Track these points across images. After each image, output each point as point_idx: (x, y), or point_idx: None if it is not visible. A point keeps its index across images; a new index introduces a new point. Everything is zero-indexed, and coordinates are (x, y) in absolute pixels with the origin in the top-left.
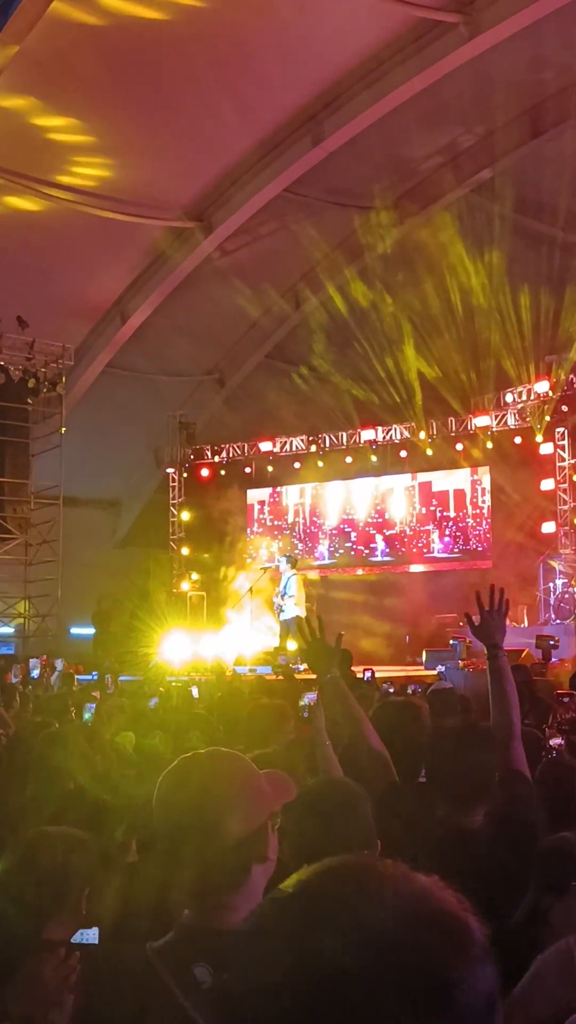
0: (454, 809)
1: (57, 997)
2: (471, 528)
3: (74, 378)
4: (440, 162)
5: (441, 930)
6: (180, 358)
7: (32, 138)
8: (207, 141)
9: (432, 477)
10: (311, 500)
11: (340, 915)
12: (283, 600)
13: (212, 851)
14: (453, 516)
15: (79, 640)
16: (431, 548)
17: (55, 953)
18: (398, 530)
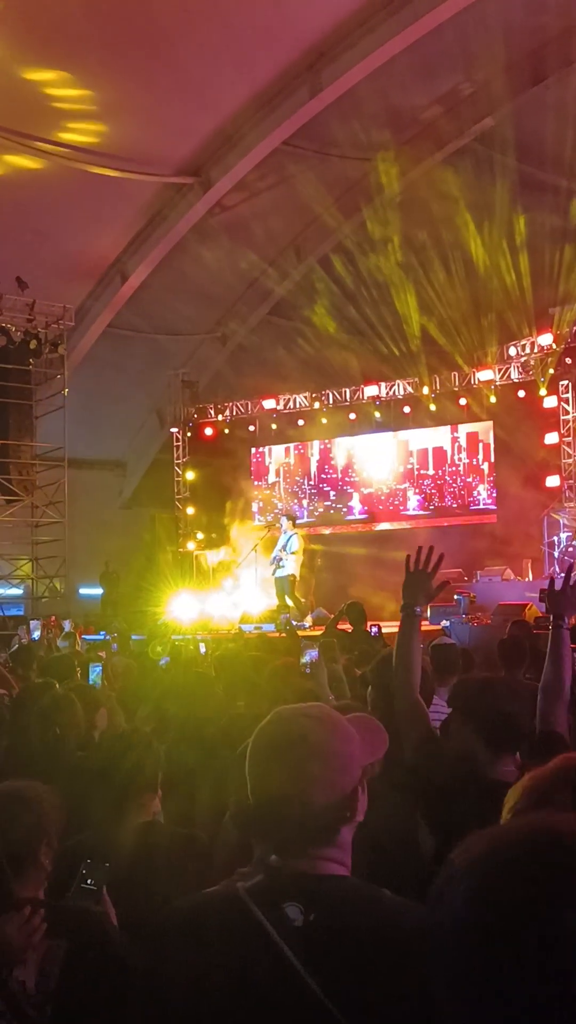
0: (488, 760)
1: (22, 955)
2: (475, 482)
3: (75, 339)
4: (440, 111)
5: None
6: (181, 317)
7: (25, 94)
8: (203, 95)
9: (435, 432)
10: (316, 457)
11: (567, 892)
12: (283, 556)
13: (301, 815)
14: (456, 471)
15: (88, 600)
16: (437, 503)
17: (19, 912)
18: (402, 485)
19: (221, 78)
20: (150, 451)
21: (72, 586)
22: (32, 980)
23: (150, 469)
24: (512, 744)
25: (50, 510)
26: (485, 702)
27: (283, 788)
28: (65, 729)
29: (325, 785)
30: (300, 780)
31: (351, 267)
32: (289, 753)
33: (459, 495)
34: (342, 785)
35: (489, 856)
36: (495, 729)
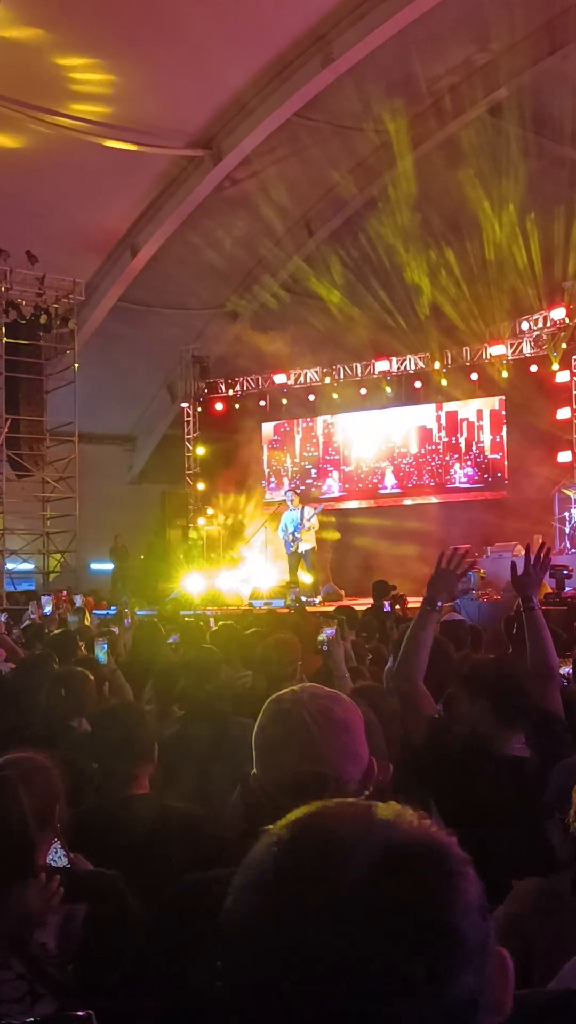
0: (498, 736)
1: (42, 919)
2: (485, 458)
3: (85, 313)
4: (454, 81)
5: (417, 865)
6: (192, 291)
7: (35, 66)
8: (214, 66)
9: (447, 407)
10: (326, 432)
11: (314, 896)
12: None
13: (337, 792)
14: (468, 446)
15: (99, 575)
16: (446, 479)
17: (38, 877)
18: (412, 461)
19: (232, 49)
20: (160, 426)
21: (82, 561)
22: (53, 942)
23: (160, 444)
24: (523, 720)
25: (60, 485)
26: (499, 678)
27: (319, 771)
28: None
29: (353, 758)
30: (336, 760)
31: (362, 241)
32: (319, 736)
33: (470, 471)
34: (364, 755)
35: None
36: (508, 705)
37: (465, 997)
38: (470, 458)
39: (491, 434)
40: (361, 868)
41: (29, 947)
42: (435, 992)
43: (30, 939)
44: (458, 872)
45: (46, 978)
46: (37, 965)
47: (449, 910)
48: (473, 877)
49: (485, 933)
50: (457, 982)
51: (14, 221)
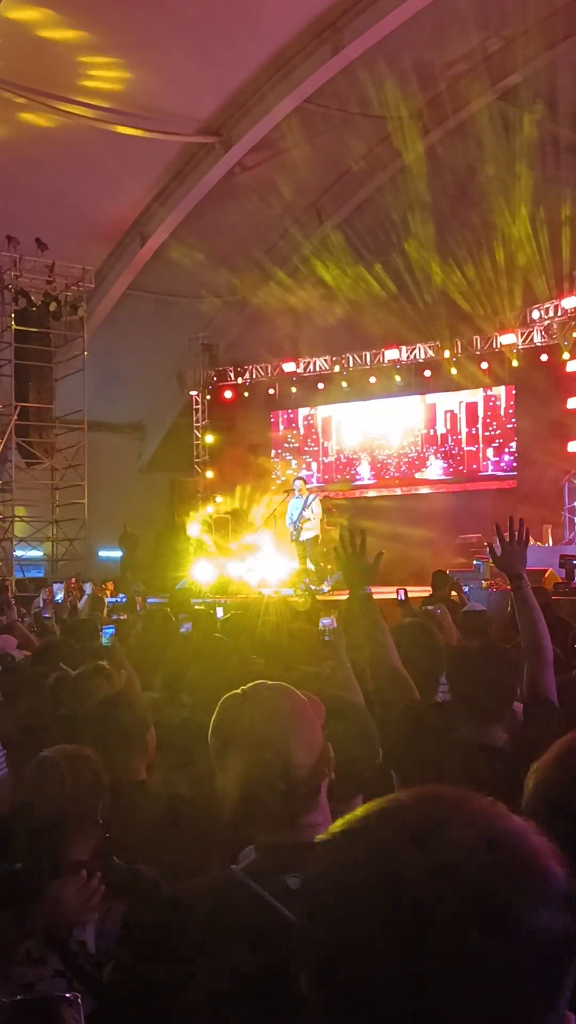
0: (474, 726)
1: (80, 917)
2: (495, 447)
3: (95, 301)
4: (466, 68)
5: (521, 867)
6: (201, 279)
7: (46, 52)
8: (224, 52)
9: (457, 396)
10: (336, 421)
11: (427, 837)
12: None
13: (289, 785)
14: (477, 435)
15: (107, 563)
16: (457, 468)
17: (77, 876)
18: (423, 451)
19: (244, 36)
20: (169, 414)
21: (91, 549)
22: (92, 941)
23: (169, 432)
24: (497, 712)
25: (69, 473)
26: (467, 670)
27: (268, 764)
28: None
29: (304, 747)
30: (283, 750)
31: (373, 228)
32: (263, 728)
33: (480, 460)
34: (315, 742)
35: (357, 827)
36: (478, 697)
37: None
38: (479, 447)
39: (501, 423)
40: (477, 840)
41: (68, 944)
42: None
43: (69, 937)
44: (552, 901)
45: (84, 976)
46: (74, 963)
47: (523, 921)
48: (569, 919)
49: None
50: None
51: (24, 208)
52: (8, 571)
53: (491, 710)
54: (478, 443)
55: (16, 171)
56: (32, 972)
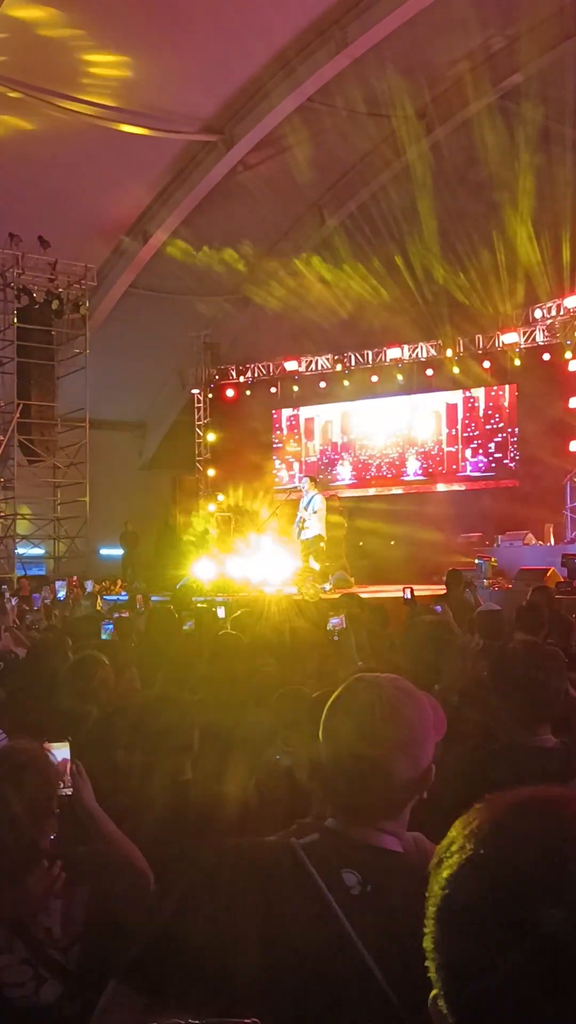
0: (522, 729)
1: (44, 903)
2: (497, 446)
3: (97, 299)
4: (469, 67)
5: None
6: (203, 277)
7: (48, 50)
8: (227, 50)
9: (459, 395)
10: (337, 419)
11: (561, 876)
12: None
13: (381, 789)
14: (479, 434)
15: (108, 561)
16: (459, 467)
17: (40, 863)
18: (424, 449)
19: (247, 34)
20: (171, 413)
21: (92, 546)
22: (58, 926)
23: (171, 431)
24: (548, 713)
25: (71, 471)
26: (513, 670)
27: (372, 756)
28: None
29: (410, 759)
30: (390, 751)
31: (375, 227)
32: (381, 722)
33: (483, 459)
34: (422, 760)
35: (490, 831)
36: (533, 702)
37: None
38: (481, 446)
39: (503, 422)
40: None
41: (33, 931)
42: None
43: (33, 923)
44: None
45: (50, 962)
46: (39, 949)
47: None
48: None
49: None
50: None
51: (27, 206)
52: (10, 569)
53: (539, 711)
54: (480, 442)
55: (19, 169)
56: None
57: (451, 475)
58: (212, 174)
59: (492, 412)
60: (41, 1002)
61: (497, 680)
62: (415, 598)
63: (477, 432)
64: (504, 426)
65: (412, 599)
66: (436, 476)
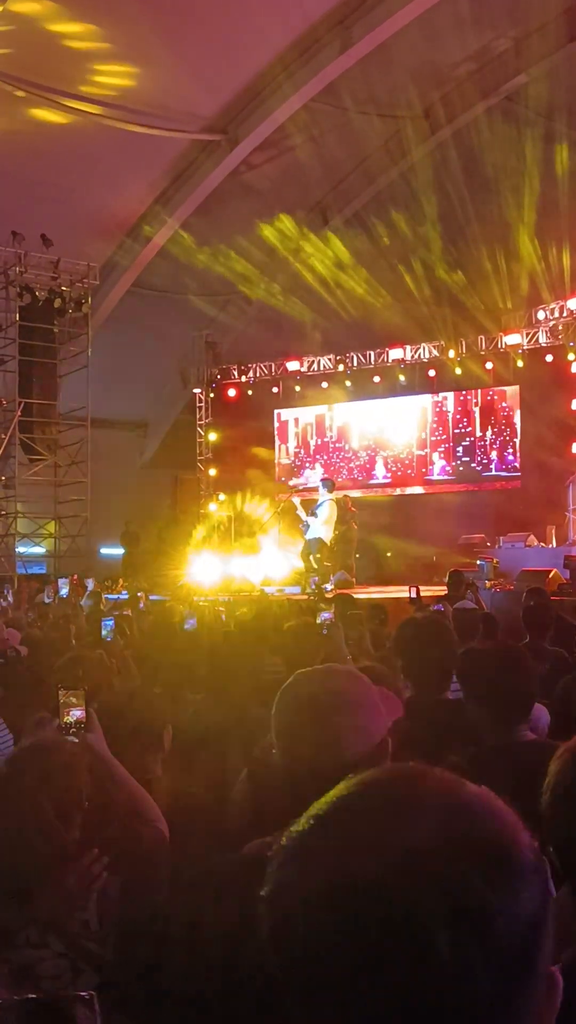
0: (496, 726)
1: (82, 902)
2: (499, 448)
3: (99, 298)
4: (473, 68)
5: (484, 851)
6: (206, 276)
7: (52, 47)
8: (231, 49)
9: (461, 396)
10: (339, 419)
11: (380, 835)
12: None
13: (335, 767)
14: (481, 436)
15: (109, 560)
16: (459, 468)
17: (78, 863)
18: (426, 450)
19: (250, 33)
20: (172, 412)
21: (93, 545)
22: (95, 918)
23: (172, 430)
24: (524, 715)
25: (72, 469)
26: (489, 673)
27: (316, 741)
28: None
29: (357, 732)
30: (331, 728)
31: (378, 227)
32: (318, 707)
33: (484, 460)
34: (372, 732)
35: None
36: (501, 700)
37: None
38: (483, 447)
39: (505, 424)
40: (432, 829)
41: (69, 926)
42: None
43: (71, 918)
44: (522, 878)
45: (87, 954)
46: (76, 943)
47: (499, 911)
48: (539, 891)
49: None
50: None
51: (29, 204)
52: (10, 567)
53: (508, 713)
54: (482, 443)
55: (22, 167)
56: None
57: (453, 476)
58: (215, 173)
59: (494, 414)
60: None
61: (470, 684)
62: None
63: (479, 434)
64: (506, 428)
65: (418, 598)
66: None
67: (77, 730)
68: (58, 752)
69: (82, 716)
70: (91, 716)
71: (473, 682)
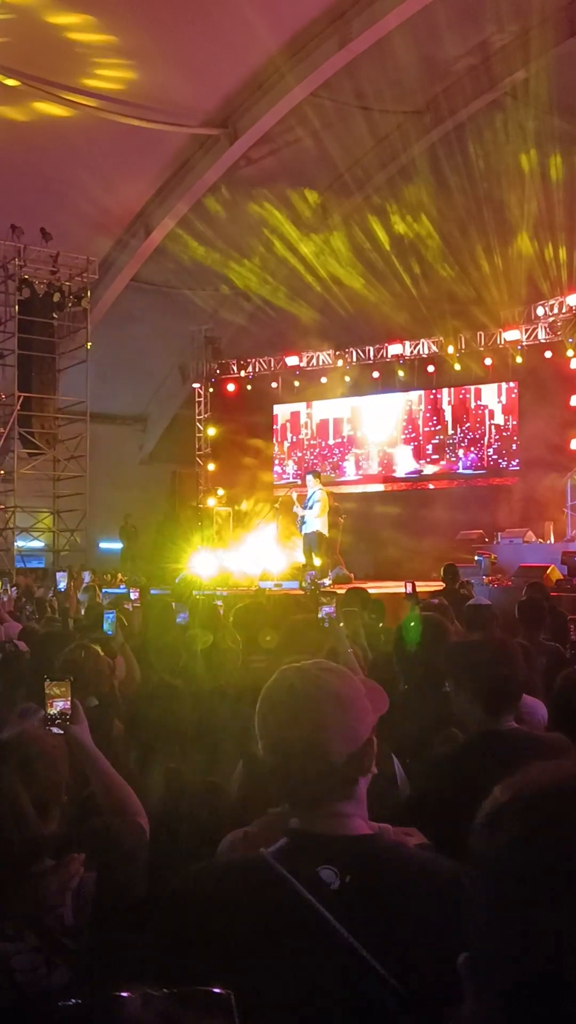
0: (485, 715)
1: (61, 899)
2: (498, 444)
3: (99, 292)
4: (473, 63)
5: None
6: (205, 271)
7: (51, 40)
8: (231, 44)
9: (460, 392)
10: (338, 415)
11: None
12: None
13: (322, 767)
14: (480, 432)
15: (107, 554)
16: (458, 464)
17: (55, 862)
18: (424, 445)
19: (250, 27)
20: (172, 407)
21: (92, 540)
22: (70, 914)
23: (171, 425)
24: (510, 706)
25: (71, 464)
26: (477, 665)
27: (302, 739)
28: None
29: (344, 733)
30: (319, 729)
31: (378, 223)
32: (305, 703)
33: (482, 456)
34: (359, 733)
35: (538, 796)
36: (491, 691)
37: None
38: (482, 444)
39: (504, 420)
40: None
41: (44, 921)
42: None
43: (51, 917)
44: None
45: (61, 949)
46: (51, 939)
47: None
48: None
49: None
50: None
51: (29, 198)
52: (9, 562)
53: (494, 703)
54: (481, 439)
55: (21, 160)
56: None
57: (451, 472)
58: (215, 168)
59: (493, 409)
60: (51, 986)
61: (461, 673)
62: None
63: (478, 429)
64: (505, 423)
65: (414, 593)
66: (436, 473)
67: (62, 721)
68: (38, 743)
69: (67, 707)
70: (76, 707)
71: (459, 672)
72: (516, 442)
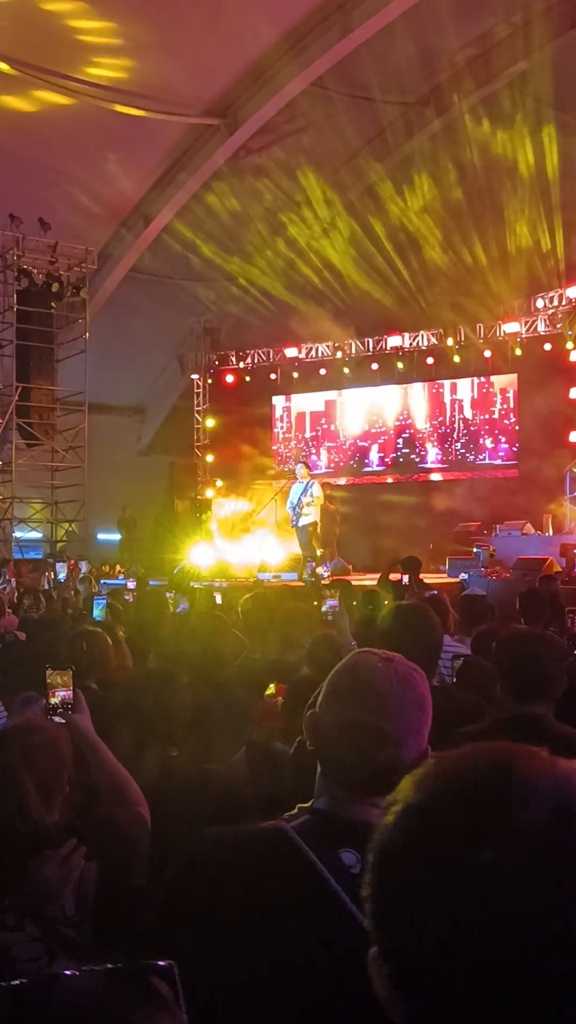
0: (520, 701)
1: (61, 891)
2: (497, 436)
3: (97, 282)
4: (474, 54)
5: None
6: (204, 262)
7: (49, 27)
8: (231, 33)
9: (459, 384)
10: (337, 406)
11: (496, 821)
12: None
13: (390, 763)
14: (479, 423)
15: (106, 545)
16: (457, 455)
17: (57, 853)
18: (423, 437)
19: (251, 18)
20: (170, 397)
21: (90, 531)
22: (71, 904)
23: (170, 415)
24: (546, 696)
25: (69, 454)
26: (516, 654)
27: (380, 731)
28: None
29: (416, 738)
30: (402, 728)
31: (377, 214)
32: (389, 696)
33: (482, 448)
34: (423, 742)
35: (429, 782)
36: (527, 683)
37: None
38: (481, 435)
39: (503, 412)
40: (544, 809)
41: (45, 912)
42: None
43: (52, 909)
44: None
45: (62, 939)
46: (52, 929)
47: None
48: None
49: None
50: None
51: (27, 187)
52: (7, 552)
53: (534, 691)
54: (480, 431)
55: (19, 150)
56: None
57: (450, 464)
58: (214, 158)
59: (492, 402)
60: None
61: (500, 658)
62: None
63: (477, 421)
64: (504, 416)
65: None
66: (436, 464)
67: (64, 711)
68: (41, 733)
69: (68, 696)
70: (79, 696)
71: (503, 660)
72: (515, 434)
